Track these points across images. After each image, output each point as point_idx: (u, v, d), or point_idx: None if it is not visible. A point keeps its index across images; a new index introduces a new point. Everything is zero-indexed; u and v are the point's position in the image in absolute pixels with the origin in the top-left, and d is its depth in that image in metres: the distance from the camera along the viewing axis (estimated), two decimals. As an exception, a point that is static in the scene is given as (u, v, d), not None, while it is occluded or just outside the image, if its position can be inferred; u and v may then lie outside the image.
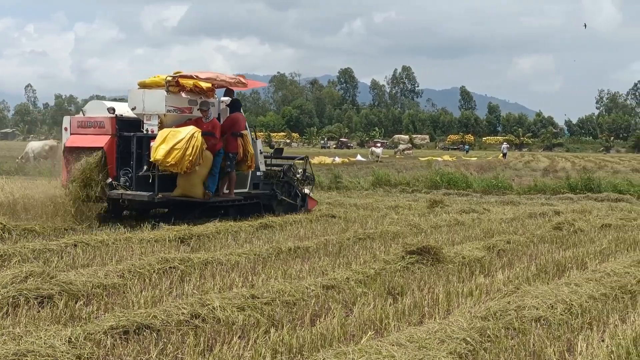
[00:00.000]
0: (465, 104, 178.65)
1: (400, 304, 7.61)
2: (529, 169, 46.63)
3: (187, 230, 12.50)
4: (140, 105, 14.18)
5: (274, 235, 12.90)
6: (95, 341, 5.92)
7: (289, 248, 11.03)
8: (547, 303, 7.35)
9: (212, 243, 11.73)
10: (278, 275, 9.01)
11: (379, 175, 27.75)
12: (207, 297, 7.21)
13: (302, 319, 6.98)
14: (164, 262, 9.30)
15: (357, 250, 11.28)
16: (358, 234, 12.82)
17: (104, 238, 11.37)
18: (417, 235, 13.20)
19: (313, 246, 11.40)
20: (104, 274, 8.46)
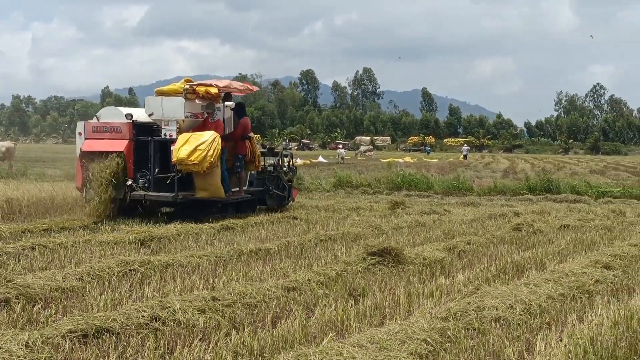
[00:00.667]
0: (426, 106, 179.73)
1: (362, 305, 7.63)
2: (489, 171, 47.07)
3: (148, 232, 12.42)
4: (159, 111, 15.19)
5: (235, 237, 12.86)
6: (54, 345, 5.85)
7: (250, 250, 11.00)
8: (507, 303, 7.43)
9: (172, 245, 11.66)
10: (239, 277, 8.98)
11: (341, 177, 27.81)
12: (168, 300, 7.16)
13: (264, 321, 6.97)
14: (123, 264, 9.21)
15: (318, 251, 11.29)
16: (319, 235, 12.83)
17: (63, 240, 11.24)
18: (378, 236, 13.26)
19: (274, 248, 11.38)
20: (62, 277, 8.35)
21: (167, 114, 15.18)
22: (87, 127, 15.41)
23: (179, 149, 14.45)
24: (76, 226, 13.28)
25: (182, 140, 14.63)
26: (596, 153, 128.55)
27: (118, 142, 14.98)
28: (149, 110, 15.31)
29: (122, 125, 15.10)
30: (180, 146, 14.49)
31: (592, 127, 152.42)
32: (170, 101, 15.21)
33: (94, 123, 15.40)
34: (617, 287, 8.91)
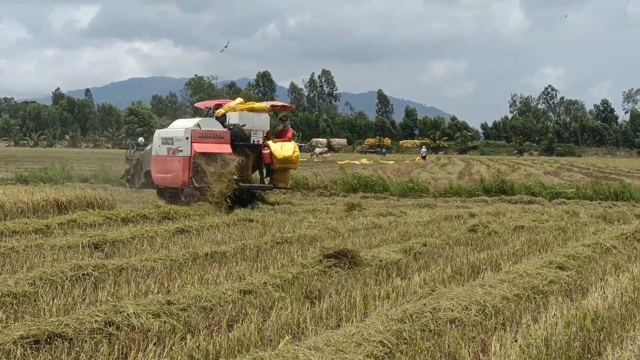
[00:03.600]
0: (382, 108, 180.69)
1: (318, 307, 7.65)
2: (445, 172, 47.46)
3: (101, 236, 12.28)
4: (250, 123, 19.81)
5: (191, 240, 12.79)
6: (5, 352, 5.76)
7: (205, 253, 10.94)
8: (462, 304, 7.50)
9: (127, 249, 11.55)
10: (195, 281, 8.93)
11: (297, 179, 27.81)
12: (122, 304, 7.09)
13: (219, 325, 6.95)
14: (76, 269, 9.10)
15: (274, 254, 11.28)
16: (276, 238, 12.82)
17: (14, 245, 11.07)
18: (334, 238, 13.29)
19: (230, 251, 11.34)
20: (13, 281, 8.22)
21: (256, 125, 19.90)
22: (194, 134, 18.86)
23: (279, 151, 19.66)
24: (28, 230, 13.09)
25: (277, 145, 19.88)
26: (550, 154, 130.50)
27: (223, 145, 18.98)
28: (242, 122, 19.69)
29: (224, 132, 19.30)
30: (280, 149, 19.71)
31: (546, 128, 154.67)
32: (259, 116, 20.03)
33: (199, 130, 19.00)
34: (570, 287, 9.06)
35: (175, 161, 18.97)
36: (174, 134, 19.25)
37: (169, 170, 19.25)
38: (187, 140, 18.75)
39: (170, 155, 19.21)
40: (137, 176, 22.24)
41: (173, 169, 19.10)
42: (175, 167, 18.97)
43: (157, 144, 19.83)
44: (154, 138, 20.36)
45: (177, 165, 18.87)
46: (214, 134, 19.09)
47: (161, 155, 19.59)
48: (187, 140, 18.75)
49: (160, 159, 19.63)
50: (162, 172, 19.63)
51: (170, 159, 19.16)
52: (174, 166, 19.07)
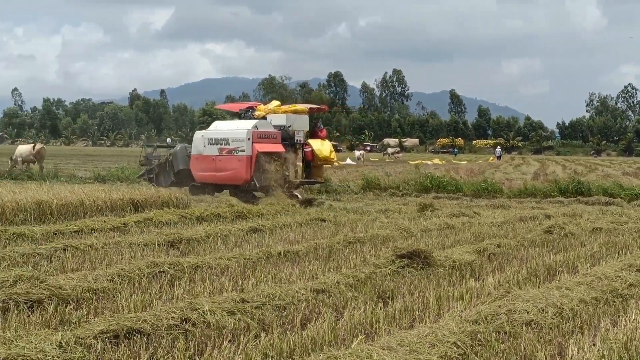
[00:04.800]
0: (455, 107, 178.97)
1: (391, 307, 7.64)
2: (519, 173, 46.75)
3: (177, 234, 12.50)
4: (294, 124, 21.75)
5: (264, 239, 12.91)
6: (86, 345, 5.92)
7: (278, 252, 11.03)
8: (538, 307, 7.38)
9: (201, 247, 11.73)
10: (268, 279, 9.02)
11: (369, 179, 27.79)
12: (197, 301, 7.21)
13: (293, 323, 7.00)
14: (153, 266, 9.29)
15: (347, 254, 11.30)
16: (348, 237, 12.84)
17: (93, 242, 11.36)
18: (407, 239, 13.24)
19: (303, 250, 11.40)
20: (93, 278, 8.45)
21: (297, 126, 21.85)
22: (254, 135, 20.49)
23: (321, 150, 21.91)
24: (106, 227, 13.42)
25: (318, 144, 22.02)
26: (629, 155, 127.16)
27: (278, 145, 20.91)
28: (288, 123, 21.60)
29: (277, 133, 21.11)
30: (321, 148, 21.90)
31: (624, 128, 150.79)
32: (301, 118, 22.03)
33: (257, 131, 20.60)
34: (650, 291, 8.82)
35: (234, 160, 20.54)
36: (230, 135, 20.81)
37: (223, 168, 20.81)
38: (248, 141, 20.36)
39: (225, 155, 20.77)
40: (164, 175, 23.31)
41: (231, 167, 20.67)
42: (235, 165, 20.56)
43: (202, 145, 21.42)
44: (194, 139, 21.98)
45: (238, 164, 20.46)
46: (269, 134, 20.90)
47: (209, 154, 21.14)
48: (248, 140, 20.36)
49: (208, 158, 21.17)
50: (211, 170, 21.13)
51: (226, 158, 20.73)
52: (232, 165, 20.64)
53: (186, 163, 22.40)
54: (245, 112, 22.75)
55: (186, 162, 22.42)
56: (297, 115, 22.05)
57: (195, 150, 21.79)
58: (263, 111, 22.17)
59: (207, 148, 21.31)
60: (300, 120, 22.04)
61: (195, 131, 23.18)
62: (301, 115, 22.13)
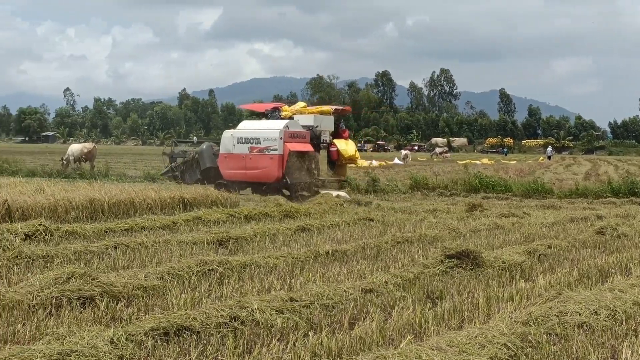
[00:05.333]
0: (504, 107, 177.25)
1: (440, 308, 7.59)
2: (570, 173, 46.12)
3: (225, 233, 12.60)
4: (321, 125, 22.74)
5: (312, 238, 12.93)
6: (137, 342, 5.99)
7: (326, 251, 11.04)
8: (591, 309, 7.27)
9: (250, 246, 11.80)
10: (316, 279, 9.03)
11: (417, 179, 27.67)
12: (246, 300, 7.25)
13: (341, 323, 7.00)
14: (202, 264, 9.37)
15: (395, 253, 11.27)
16: (396, 237, 12.80)
17: (144, 240, 11.50)
18: (455, 239, 13.15)
19: (351, 249, 11.40)
20: (144, 275, 8.55)
21: (324, 127, 22.87)
22: (285, 134, 21.34)
23: (346, 150, 22.89)
24: (156, 226, 13.57)
25: (343, 143, 22.95)
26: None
27: (307, 144, 21.96)
28: (316, 123, 22.63)
29: (306, 133, 22.14)
30: (345, 148, 22.85)
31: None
32: (328, 119, 23.11)
33: (288, 131, 21.46)
34: None
35: (265, 158, 21.47)
36: (262, 134, 21.72)
37: (254, 166, 21.70)
38: (280, 140, 21.28)
39: (255, 154, 21.70)
40: (190, 172, 24.18)
41: (262, 165, 21.58)
42: (266, 163, 21.49)
43: (231, 143, 22.27)
44: (223, 138, 22.85)
45: (269, 162, 21.39)
46: (299, 134, 21.91)
47: (239, 153, 22.03)
48: (280, 139, 21.29)
49: (238, 156, 22.08)
50: (240, 168, 22.01)
51: (257, 157, 21.66)
52: (263, 163, 21.57)
53: (212, 161, 23.33)
54: (271, 113, 23.59)
55: (212, 161, 23.36)
56: (324, 116, 23.12)
57: (223, 148, 22.60)
58: (290, 112, 23.29)
59: (236, 147, 22.08)
60: (326, 121, 23.08)
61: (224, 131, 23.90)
62: (327, 116, 23.22)
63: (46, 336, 5.98)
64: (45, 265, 9.36)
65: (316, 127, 22.61)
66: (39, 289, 7.49)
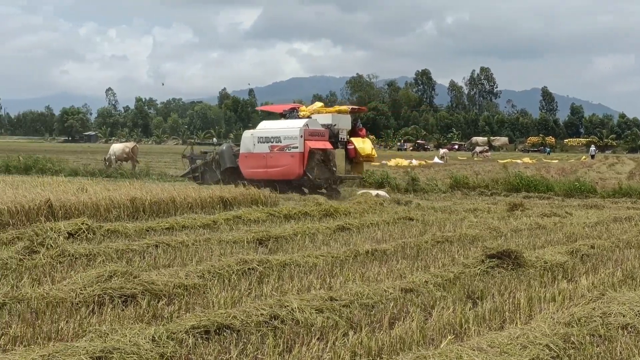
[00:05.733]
0: (546, 105, 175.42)
1: (480, 308, 7.54)
2: (613, 172, 45.49)
3: (265, 232, 12.65)
4: (338, 123, 23.39)
5: (351, 237, 12.92)
6: (178, 340, 6.04)
7: (366, 250, 11.04)
8: (635, 310, 7.16)
9: (289, 245, 11.83)
10: (356, 278, 9.02)
11: (457, 178, 27.51)
12: (286, 299, 7.27)
13: (381, 322, 6.98)
14: (242, 263, 9.42)
15: (435, 253, 11.22)
16: (436, 237, 12.74)
17: (184, 239, 11.60)
18: (496, 238, 13.05)
19: (391, 249, 11.38)
20: (184, 274, 8.62)
21: (341, 125, 23.54)
22: (305, 133, 21.91)
23: (364, 148, 23.34)
24: (197, 225, 13.68)
25: (360, 142, 23.45)
26: None
27: (326, 142, 22.52)
28: (334, 122, 23.25)
29: (325, 131, 22.69)
30: (363, 146, 23.35)
31: None
32: (345, 117, 23.73)
33: (308, 129, 22.06)
34: None
35: (286, 157, 22.12)
36: (283, 133, 22.30)
37: (275, 165, 22.30)
38: (301, 138, 21.89)
39: (276, 152, 22.32)
40: (211, 173, 24.67)
41: (283, 163, 22.20)
42: (287, 161, 22.12)
43: (251, 143, 22.87)
44: (243, 138, 23.51)
45: (290, 160, 22.06)
46: (319, 132, 22.49)
47: (259, 152, 22.61)
48: (301, 138, 21.89)
49: (258, 156, 22.64)
50: (261, 167, 22.56)
51: (278, 155, 22.29)
52: (284, 161, 22.20)
53: (233, 161, 23.75)
54: (289, 113, 24.20)
55: (233, 161, 23.78)
56: (341, 115, 23.80)
57: (244, 148, 23.14)
58: (308, 111, 24.06)
59: (257, 146, 22.67)
60: (343, 120, 23.74)
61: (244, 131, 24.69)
62: (344, 115, 23.90)
63: (89, 333, 6.05)
64: (88, 264, 9.49)
65: (334, 125, 23.27)
66: (82, 287, 7.60)
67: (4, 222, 12.64)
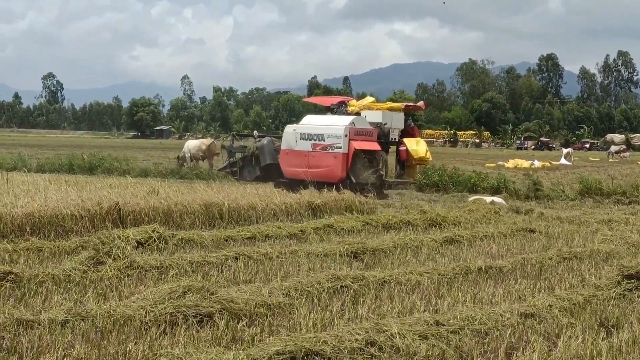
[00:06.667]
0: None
1: (616, 339, 7.39)
2: None
3: (361, 243, 12.69)
4: (390, 122, 23.73)
5: (461, 251, 12.85)
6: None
7: (479, 267, 10.97)
8: None
9: (389, 259, 11.83)
10: (466, 299, 8.97)
11: (588, 183, 26.94)
12: (384, 322, 7.28)
13: (496, 352, 6.92)
14: (334, 279, 9.48)
15: (561, 272, 11.05)
16: (562, 252, 12.56)
17: (268, 251, 11.74)
18: (636, 255, 12.74)
19: (508, 266, 11.27)
20: (268, 291, 8.72)
21: (394, 125, 23.81)
22: (351, 132, 22.43)
23: (417, 150, 23.53)
24: (282, 234, 13.82)
25: (414, 143, 23.63)
26: None
27: (374, 143, 22.92)
28: (384, 120, 23.60)
29: (373, 130, 23.09)
30: (416, 148, 23.52)
31: None
32: (397, 115, 24.09)
33: (354, 128, 22.61)
34: None
35: (329, 157, 22.66)
36: (326, 131, 22.87)
37: (316, 165, 22.80)
38: (345, 138, 22.43)
39: (318, 151, 22.88)
40: (249, 169, 25.32)
41: (325, 164, 22.71)
42: (330, 162, 22.64)
43: (293, 139, 23.48)
44: (285, 133, 24.22)
45: (333, 161, 22.56)
46: (366, 131, 22.96)
47: (301, 150, 23.19)
48: (345, 137, 22.43)
49: (300, 153, 23.22)
50: (302, 166, 23.04)
51: (320, 155, 22.85)
52: (326, 161, 22.72)
53: (274, 158, 24.29)
54: (337, 107, 24.83)
55: (274, 157, 24.31)
56: (393, 113, 24.23)
57: (285, 144, 23.83)
58: (357, 107, 24.61)
59: (299, 143, 23.26)
60: (396, 118, 24.11)
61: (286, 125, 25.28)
62: (397, 112, 24.34)
63: (160, 357, 6.20)
64: (159, 277, 9.72)
65: (384, 124, 23.66)
66: (152, 304, 7.77)
67: (67, 229, 13.07)
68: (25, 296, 8.54)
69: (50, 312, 7.64)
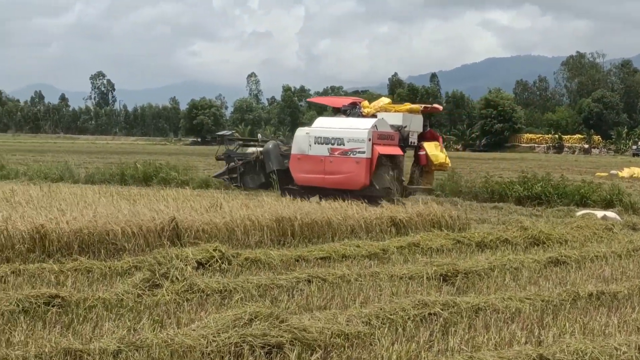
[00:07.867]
0: None
1: None
2: None
3: (451, 265, 12.62)
4: (410, 125, 24.09)
5: (568, 274, 12.72)
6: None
7: (589, 293, 10.86)
8: None
9: (484, 283, 11.76)
10: (575, 330, 8.88)
11: None
12: (479, 355, 7.25)
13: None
14: (421, 306, 9.46)
15: (688, 299, 10.85)
16: (693, 275, 12.34)
17: (345, 272, 11.75)
18: None
19: (623, 291, 11.14)
20: (345, 319, 8.73)
21: (413, 127, 24.30)
22: (374, 135, 22.68)
23: (437, 155, 24.00)
24: (361, 254, 13.82)
25: (433, 147, 24.11)
26: None
27: (395, 147, 23.47)
28: (404, 123, 24.06)
29: (394, 134, 23.57)
30: (436, 152, 24.01)
31: None
32: (417, 118, 24.63)
33: (377, 131, 22.86)
34: None
35: (350, 163, 23.10)
36: (346, 134, 23.26)
37: (335, 171, 23.24)
38: (369, 142, 22.84)
39: (337, 156, 23.23)
40: (253, 175, 25.71)
41: (346, 170, 23.16)
42: (351, 168, 23.09)
43: (306, 143, 23.73)
44: (296, 137, 24.45)
45: (355, 167, 23.02)
46: (388, 135, 23.54)
47: (317, 155, 23.52)
48: (369, 141, 22.84)
49: (315, 159, 23.57)
50: (318, 172, 23.46)
51: (339, 160, 23.22)
52: (347, 167, 23.17)
53: (281, 163, 24.78)
54: (351, 109, 25.17)
55: (280, 162, 24.80)
56: (412, 115, 24.80)
57: (297, 149, 24.10)
58: (372, 108, 25.13)
59: (313, 147, 23.59)
60: (415, 121, 24.74)
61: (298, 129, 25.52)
62: (416, 115, 24.92)
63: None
64: (222, 302, 9.80)
65: (404, 127, 24.13)
66: (215, 333, 7.85)
67: (119, 247, 13.25)
68: (73, 323, 8.70)
69: (101, 341, 7.75)
